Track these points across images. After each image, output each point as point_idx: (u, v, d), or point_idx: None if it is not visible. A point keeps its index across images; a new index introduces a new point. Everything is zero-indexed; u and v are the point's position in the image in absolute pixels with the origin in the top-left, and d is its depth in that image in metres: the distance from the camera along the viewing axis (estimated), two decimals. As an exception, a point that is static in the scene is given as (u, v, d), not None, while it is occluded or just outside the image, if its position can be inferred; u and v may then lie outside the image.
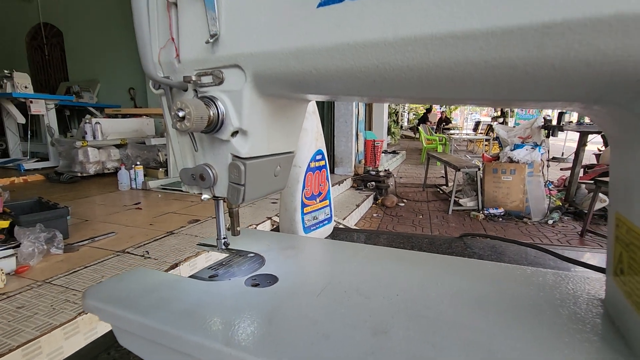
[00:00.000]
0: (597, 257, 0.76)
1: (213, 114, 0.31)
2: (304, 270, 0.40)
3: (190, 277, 0.41)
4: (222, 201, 0.40)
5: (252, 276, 0.39)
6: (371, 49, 0.23)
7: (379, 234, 0.95)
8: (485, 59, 0.20)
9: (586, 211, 3.25)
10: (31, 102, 4.15)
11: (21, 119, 4.27)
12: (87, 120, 3.94)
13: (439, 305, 0.32)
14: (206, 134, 0.33)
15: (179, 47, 0.32)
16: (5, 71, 4.17)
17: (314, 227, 0.79)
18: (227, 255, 0.46)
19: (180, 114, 0.28)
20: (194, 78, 0.32)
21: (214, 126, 0.31)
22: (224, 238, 0.42)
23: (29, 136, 4.63)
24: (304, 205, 0.76)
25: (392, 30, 0.22)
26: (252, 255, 0.45)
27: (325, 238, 0.82)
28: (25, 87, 4.22)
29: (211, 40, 0.30)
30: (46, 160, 4.50)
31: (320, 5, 0.25)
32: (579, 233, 3.21)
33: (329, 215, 0.86)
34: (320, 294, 0.34)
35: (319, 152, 0.80)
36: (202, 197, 0.38)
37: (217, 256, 0.47)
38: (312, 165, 0.78)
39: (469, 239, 0.87)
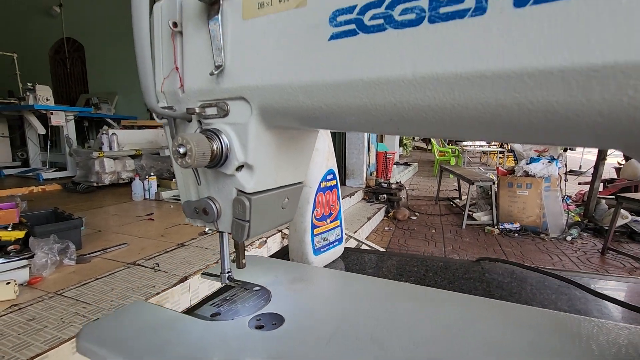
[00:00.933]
0: (626, 287, 0.70)
1: (217, 148, 0.29)
2: (313, 310, 0.37)
3: (191, 311, 0.39)
4: (226, 233, 0.38)
5: (256, 316, 0.36)
6: (388, 86, 0.21)
7: (391, 255, 0.92)
8: (519, 102, 0.18)
9: (607, 228, 3.12)
10: (52, 113, 4.28)
11: (42, 130, 4.40)
12: (104, 132, 4.03)
13: None
14: (210, 168, 0.31)
15: (183, 76, 0.31)
16: (29, 84, 4.33)
17: (324, 249, 0.76)
18: (232, 286, 0.44)
19: (181, 150, 0.26)
20: (197, 110, 0.30)
21: (218, 161, 0.29)
22: (229, 272, 0.39)
23: (48, 146, 4.76)
24: (314, 227, 0.74)
25: (411, 67, 0.20)
26: (257, 289, 0.42)
27: (336, 259, 0.79)
28: (47, 100, 4.35)
29: (216, 72, 0.28)
30: (64, 170, 4.61)
31: (332, 38, 0.23)
32: (600, 251, 3.08)
33: (340, 236, 0.83)
34: (330, 341, 0.31)
35: (330, 171, 0.78)
36: (206, 230, 0.36)
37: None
38: (323, 185, 0.76)
39: (487, 263, 0.83)
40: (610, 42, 0.15)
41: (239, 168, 0.30)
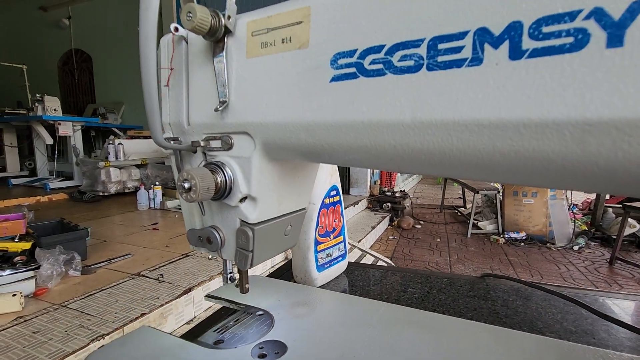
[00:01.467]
0: (633, 306, 0.69)
1: (221, 181, 0.29)
2: (315, 337, 0.37)
3: (195, 336, 0.39)
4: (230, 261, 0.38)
5: (259, 344, 0.36)
6: (387, 129, 0.22)
7: (395, 270, 0.91)
8: (516, 150, 0.18)
9: (614, 237, 3.08)
10: (59, 124, 4.35)
11: (49, 140, 4.47)
12: (111, 142, 4.08)
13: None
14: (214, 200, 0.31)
15: (189, 110, 0.31)
16: (37, 95, 4.40)
17: (328, 265, 0.76)
18: (235, 309, 0.44)
19: (186, 185, 0.27)
20: (202, 143, 0.31)
21: (222, 193, 0.30)
22: (230, 273, 0.39)
23: (55, 156, 4.83)
24: (317, 243, 0.74)
25: (410, 112, 0.20)
26: (260, 313, 0.43)
27: (339, 275, 0.79)
28: (55, 110, 4.43)
29: (220, 108, 0.29)
30: (71, 180, 4.66)
31: (333, 80, 0.23)
32: (608, 260, 3.03)
33: (343, 252, 0.83)
34: (332, 372, 0.31)
35: (334, 187, 0.78)
36: (210, 257, 0.36)
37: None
38: (327, 201, 0.76)
39: (492, 279, 0.82)
40: (604, 98, 0.16)
41: (243, 199, 0.31)
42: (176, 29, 0.31)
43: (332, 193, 0.77)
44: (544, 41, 0.17)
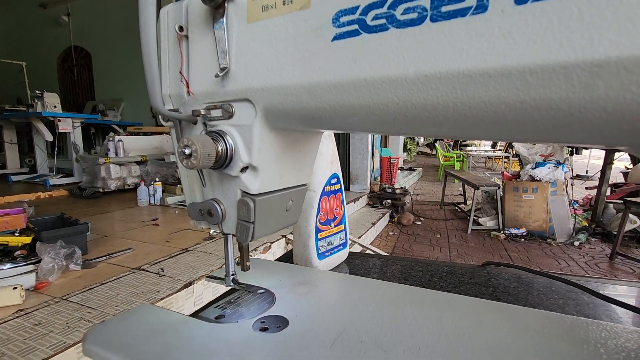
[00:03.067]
0: (636, 292, 0.69)
1: (221, 149, 0.29)
2: (317, 313, 0.37)
3: (196, 314, 0.39)
4: (231, 235, 0.38)
5: (260, 318, 0.36)
6: (390, 85, 0.21)
7: (396, 259, 0.91)
8: (522, 99, 0.18)
9: (615, 232, 3.08)
10: (59, 120, 4.34)
11: (49, 137, 4.46)
12: (110, 138, 4.08)
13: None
14: (214, 170, 0.31)
15: (189, 79, 0.31)
16: (37, 91, 4.40)
17: (329, 253, 0.76)
18: (237, 289, 0.44)
19: (187, 151, 0.26)
20: (203, 112, 0.30)
21: (223, 162, 0.30)
22: (233, 274, 0.39)
23: (55, 153, 4.82)
24: (318, 231, 0.74)
25: (413, 66, 0.20)
26: (262, 291, 0.42)
27: (340, 264, 0.79)
28: (55, 107, 4.42)
29: (221, 74, 0.28)
30: (71, 176, 4.66)
31: (335, 38, 0.23)
32: (609, 256, 3.03)
33: (344, 240, 0.83)
34: (334, 344, 0.31)
35: (334, 175, 0.78)
36: (211, 232, 0.36)
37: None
38: (327, 189, 0.76)
39: (493, 267, 0.82)
40: (612, 38, 0.15)
41: (244, 169, 0.31)
42: (181, 29, 0.30)
43: (333, 181, 0.77)
44: (551, -17, 0.16)
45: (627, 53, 0.15)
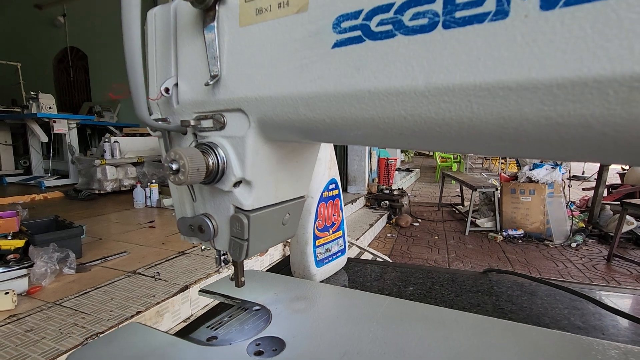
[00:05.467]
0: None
1: (212, 163, 0.27)
2: (315, 333, 0.35)
3: (187, 333, 0.36)
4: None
5: (255, 340, 0.34)
6: (397, 97, 0.19)
7: (395, 266, 0.89)
8: (547, 116, 0.16)
9: (612, 234, 3.08)
10: (54, 121, 4.29)
11: (44, 138, 4.41)
12: (106, 139, 4.04)
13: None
14: (205, 185, 0.29)
15: (177, 88, 0.29)
16: (32, 92, 4.35)
17: (327, 260, 0.74)
18: (230, 304, 0.42)
19: (174, 166, 0.24)
20: (192, 122, 0.28)
21: (214, 177, 0.28)
22: (224, 255, 0.36)
23: (51, 154, 4.77)
24: (316, 238, 0.72)
25: (423, 77, 0.18)
26: (257, 308, 0.40)
27: (339, 271, 0.77)
28: (50, 108, 4.37)
29: (211, 82, 0.26)
30: (66, 178, 4.61)
31: (335, 45, 0.21)
32: (606, 257, 3.03)
33: (343, 247, 0.81)
34: (334, 371, 0.29)
35: (332, 181, 0.76)
36: (202, 248, 0.34)
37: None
38: (325, 195, 0.74)
39: (495, 274, 0.80)
40: (656, 48, 0.13)
41: (237, 184, 0.28)
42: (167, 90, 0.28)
43: (331, 187, 0.75)
44: (583, -14, 0.14)
45: (674, 66, 0.13)
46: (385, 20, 0.19)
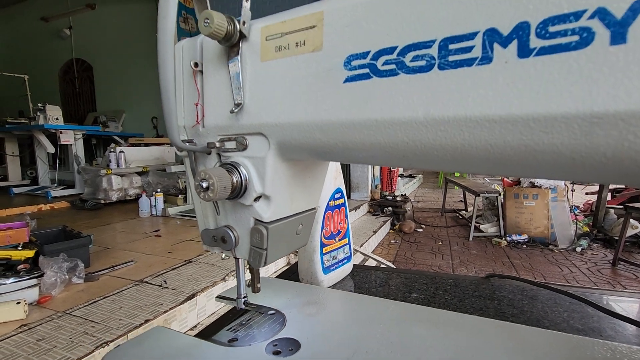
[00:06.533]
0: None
1: (236, 181, 0.30)
2: (327, 334, 0.38)
3: (207, 334, 0.39)
4: (242, 259, 0.39)
5: (273, 341, 0.37)
6: (400, 126, 0.22)
7: (400, 272, 0.92)
8: (526, 144, 0.19)
9: (616, 238, 3.07)
10: (61, 132, 4.37)
11: (51, 149, 4.48)
12: (112, 149, 4.09)
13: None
14: (229, 200, 0.32)
15: (204, 113, 0.32)
16: (39, 104, 4.43)
17: (334, 267, 0.77)
18: (247, 310, 0.45)
19: (204, 184, 0.28)
20: (217, 144, 0.32)
21: (238, 193, 0.31)
22: (245, 297, 0.40)
23: (57, 165, 4.84)
24: (323, 245, 0.74)
25: (422, 109, 0.21)
26: (272, 312, 0.43)
27: (345, 277, 0.79)
28: (56, 119, 4.45)
29: (236, 110, 0.30)
30: (72, 188, 4.67)
31: (346, 80, 0.24)
32: (611, 262, 3.03)
33: (349, 254, 0.84)
34: (347, 367, 0.32)
35: (338, 190, 0.79)
36: (223, 257, 0.37)
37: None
38: (331, 204, 0.77)
39: (497, 279, 0.83)
40: (610, 92, 0.16)
41: (257, 199, 0.32)
42: (195, 65, 0.32)
43: (337, 196, 0.78)
44: (551, 40, 0.18)
45: (624, 107, 0.16)
46: (390, 60, 0.22)
